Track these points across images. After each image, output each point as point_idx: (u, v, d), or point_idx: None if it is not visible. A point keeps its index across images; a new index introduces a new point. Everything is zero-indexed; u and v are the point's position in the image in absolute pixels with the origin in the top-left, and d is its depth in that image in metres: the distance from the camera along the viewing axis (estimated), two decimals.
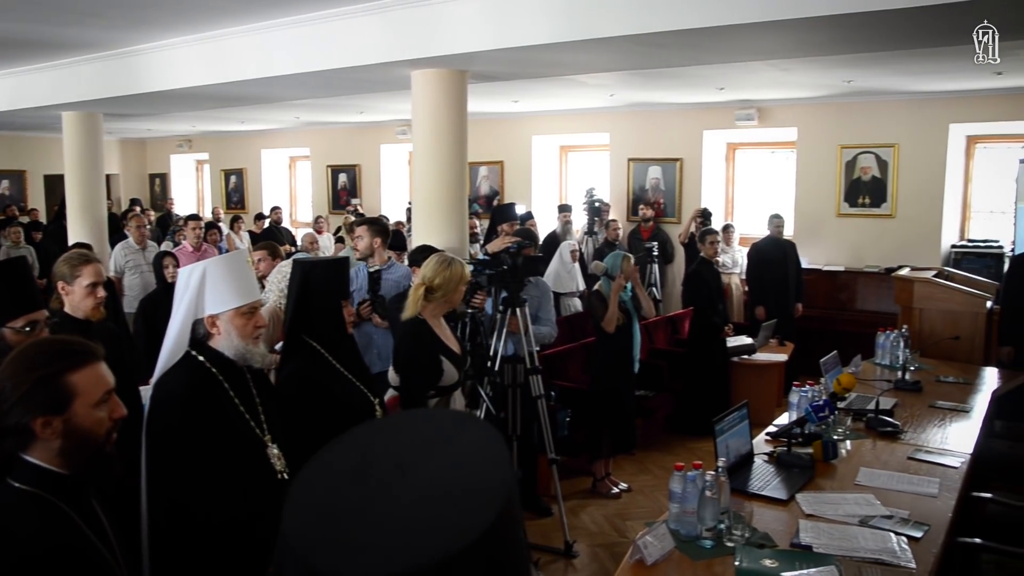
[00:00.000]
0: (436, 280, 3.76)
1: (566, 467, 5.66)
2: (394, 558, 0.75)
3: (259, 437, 2.59)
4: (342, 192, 13.96)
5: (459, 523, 0.77)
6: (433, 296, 3.76)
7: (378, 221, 5.63)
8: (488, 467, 0.84)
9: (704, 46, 5.16)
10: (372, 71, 6.22)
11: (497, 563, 0.79)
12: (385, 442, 0.89)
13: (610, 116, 11.04)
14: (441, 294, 3.77)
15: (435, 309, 3.80)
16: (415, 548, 0.76)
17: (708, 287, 7.23)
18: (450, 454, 0.86)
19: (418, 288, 3.78)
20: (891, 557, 2.72)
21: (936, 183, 9.09)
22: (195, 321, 2.60)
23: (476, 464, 0.84)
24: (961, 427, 4.38)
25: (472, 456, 0.85)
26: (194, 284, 2.58)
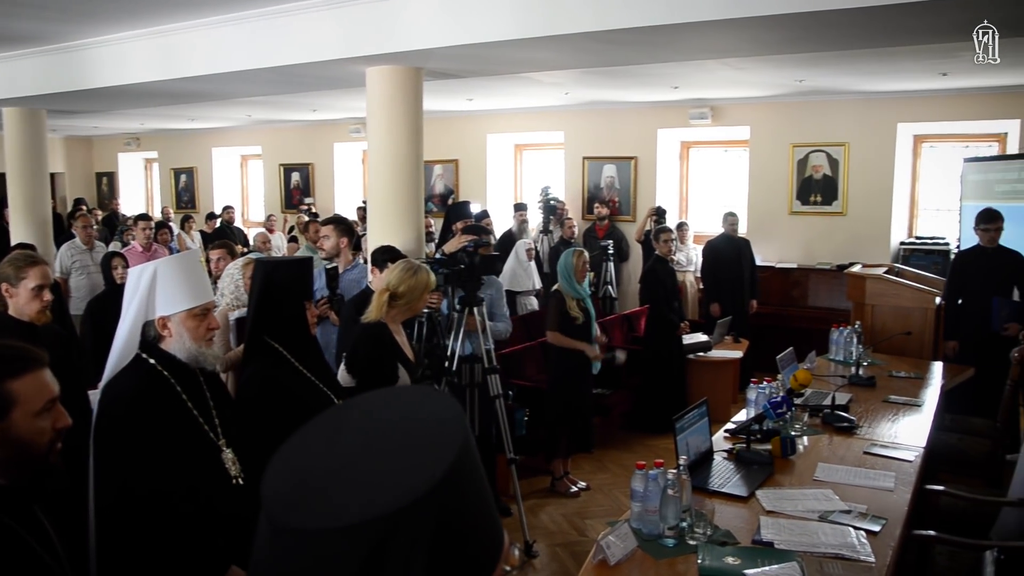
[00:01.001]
0: (401, 287, 3.72)
1: (524, 466, 5.63)
2: (351, 510, 0.82)
3: (213, 441, 2.53)
4: (295, 191, 13.79)
5: (414, 476, 0.84)
6: (397, 303, 3.72)
7: (344, 220, 5.56)
8: (444, 427, 0.90)
9: (660, 44, 5.17)
10: (326, 68, 6.12)
11: (452, 510, 0.85)
12: (356, 415, 0.97)
13: (565, 115, 11.05)
14: (404, 301, 3.72)
15: (397, 315, 3.76)
16: (371, 500, 0.82)
17: (663, 285, 7.26)
18: (409, 422, 0.93)
19: (382, 294, 3.73)
20: (851, 551, 2.74)
21: (885, 181, 9.25)
22: (146, 323, 2.52)
23: (433, 425, 0.91)
24: (914, 421, 4.45)
25: (431, 419, 0.92)
26: (144, 285, 2.51)
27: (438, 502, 0.83)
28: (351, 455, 0.90)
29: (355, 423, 0.95)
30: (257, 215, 14.49)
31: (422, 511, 0.82)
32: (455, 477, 0.85)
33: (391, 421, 0.94)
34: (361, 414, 0.97)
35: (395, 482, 0.84)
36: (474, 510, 0.90)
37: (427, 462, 0.85)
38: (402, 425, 0.92)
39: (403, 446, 0.89)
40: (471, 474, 0.89)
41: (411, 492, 0.82)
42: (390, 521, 0.81)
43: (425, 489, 0.82)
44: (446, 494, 0.84)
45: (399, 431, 0.91)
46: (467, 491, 0.88)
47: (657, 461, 2.99)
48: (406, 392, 1.02)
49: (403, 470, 0.85)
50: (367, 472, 0.86)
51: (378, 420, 0.95)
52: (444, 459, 0.85)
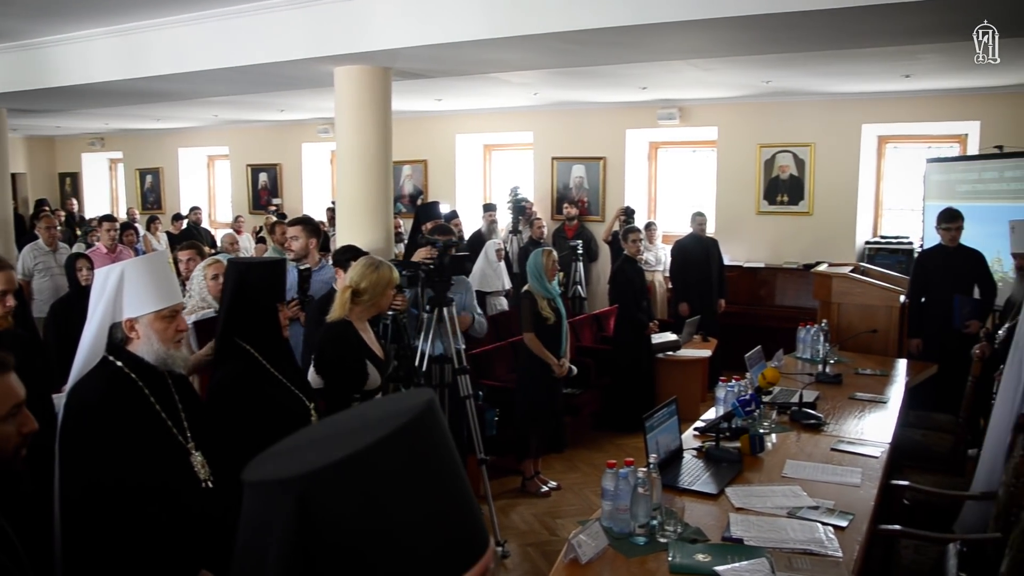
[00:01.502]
0: (363, 283, 3.72)
1: (495, 467, 5.63)
2: (316, 458, 0.87)
3: (182, 444, 2.50)
4: (262, 192, 13.68)
5: (375, 431, 0.88)
6: (360, 299, 3.71)
7: (311, 221, 5.52)
8: (413, 400, 0.95)
9: (628, 44, 5.20)
10: (294, 67, 6.10)
11: (412, 458, 0.89)
12: (348, 414, 1.03)
13: (534, 115, 11.07)
14: (368, 297, 3.72)
15: (361, 312, 3.75)
16: (331, 450, 0.88)
17: (632, 285, 7.29)
18: (390, 403, 0.99)
19: (345, 291, 3.73)
20: (819, 547, 2.77)
21: (850, 181, 9.37)
22: (112, 325, 2.49)
23: (405, 400, 0.96)
24: (879, 417, 4.51)
25: (405, 399, 0.97)
26: (111, 286, 2.47)
27: (318, 487, 0.86)
28: (319, 435, 0.96)
29: (346, 416, 1.01)
30: (224, 216, 14.36)
31: (285, 491, 0.86)
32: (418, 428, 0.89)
33: (373, 413, 0.97)
34: (352, 412, 1.02)
35: (296, 461, 0.89)
36: (412, 503, 0.88)
37: (393, 418, 0.89)
38: (378, 414, 0.95)
39: (349, 433, 0.92)
40: (432, 428, 0.91)
41: (282, 471, 0.88)
42: (262, 489, 0.88)
43: (293, 473, 0.86)
44: (339, 479, 0.86)
45: (370, 420, 0.94)
46: (430, 441, 0.91)
47: (627, 460, 3.01)
48: (415, 391, 1.05)
49: (313, 453, 0.89)
50: (303, 450, 0.92)
51: (360, 413, 1.00)
52: (408, 414, 0.89)
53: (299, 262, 5.11)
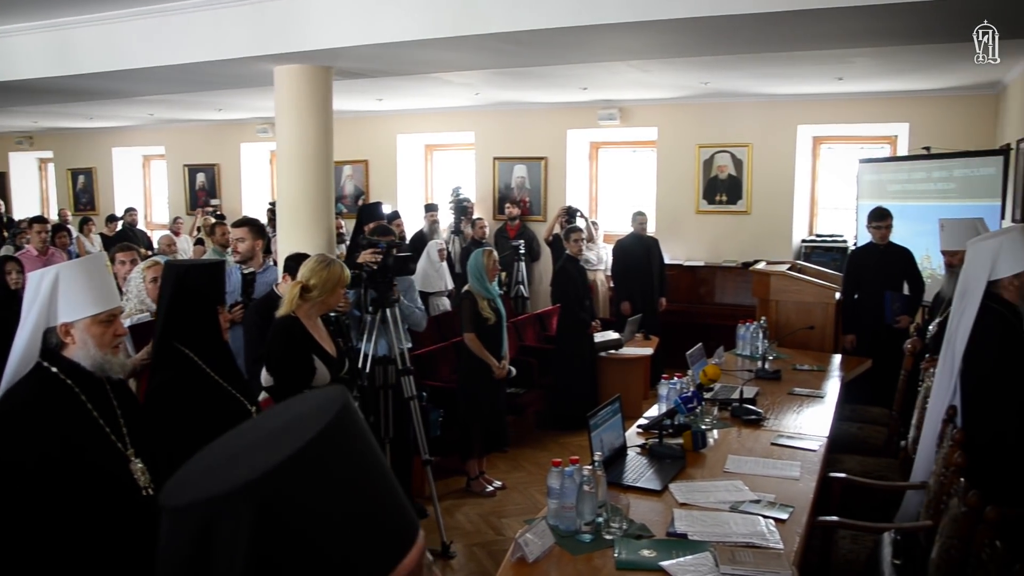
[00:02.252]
0: (312, 280, 3.70)
1: (440, 467, 5.62)
2: (233, 476, 0.85)
3: (121, 452, 2.44)
4: (200, 192, 13.42)
5: (302, 431, 0.87)
6: (309, 296, 3.69)
7: (256, 222, 5.44)
8: (326, 399, 0.93)
9: (569, 45, 5.23)
10: (233, 66, 6.00)
11: (345, 453, 0.89)
12: (264, 416, 1.00)
13: (475, 115, 11.06)
14: (317, 294, 3.70)
15: (311, 309, 3.72)
16: (249, 467, 0.85)
17: (575, 284, 7.34)
18: (296, 414, 0.95)
19: (294, 287, 3.71)
20: (760, 540, 2.82)
21: (787, 181, 9.56)
22: (47, 330, 2.42)
23: (318, 403, 0.94)
24: (817, 412, 4.62)
25: (318, 401, 0.95)
26: (45, 290, 2.40)
27: (273, 489, 0.84)
28: (233, 448, 0.92)
29: (257, 422, 0.98)
30: (161, 217, 14.06)
31: (245, 499, 0.84)
32: (302, 465, 0.86)
33: (284, 416, 0.95)
34: (269, 414, 0.99)
35: (235, 471, 0.86)
36: (346, 499, 0.89)
37: (275, 451, 0.87)
38: (287, 418, 0.94)
39: (272, 437, 0.91)
40: (338, 461, 0.89)
41: (231, 481, 0.84)
42: (209, 506, 0.84)
43: (249, 479, 0.84)
44: (288, 479, 0.85)
45: (282, 424, 0.93)
46: (331, 477, 0.89)
47: (572, 458, 3.03)
48: (322, 391, 1.01)
49: (250, 460, 0.87)
50: (229, 462, 0.89)
51: (275, 418, 0.96)
52: (302, 438, 0.87)
53: (244, 264, 5.03)
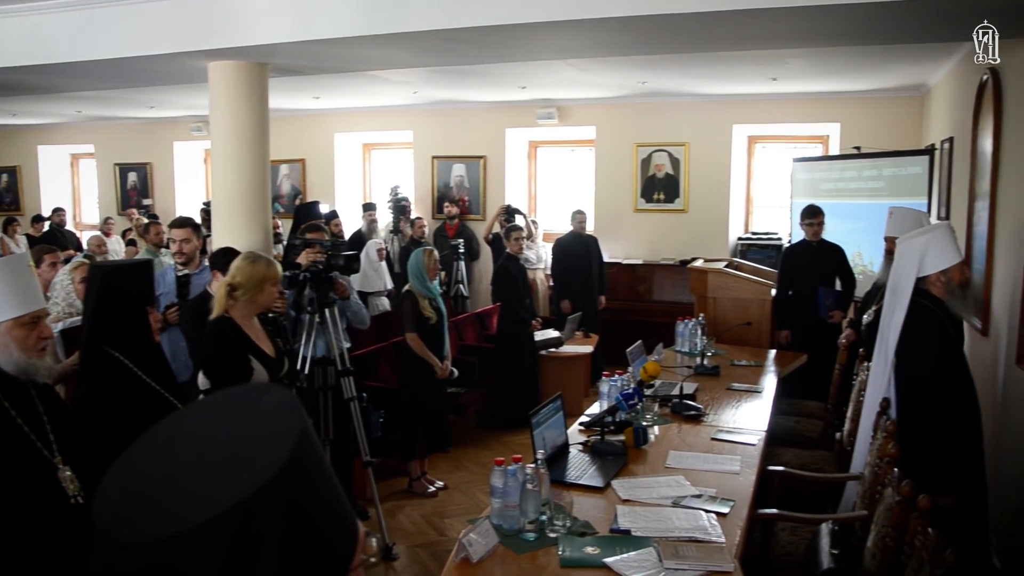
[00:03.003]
0: (237, 278, 3.62)
1: (381, 468, 5.56)
2: (192, 512, 0.79)
3: (48, 459, 2.35)
4: (132, 192, 13.09)
5: (253, 469, 0.82)
6: (236, 294, 3.60)
7: (196, 222, 5.30)
8: (278, 424, 0.88)
9: (507, 43, 5.21)
10: (165, 62, 5.81)
11: (298, 500, 0.84)
12: (193, 420, 0.94)
13: (413, 114, 11.00)
14: (242, 292, 3.61)
15: (243, 309, 3.64)
16: (211, 499, 0.80)
17: (515, 282, 7.34)
18: (247, 419, 0.91)
19: (222, 286, 3.63)
20: (703, 534, 2.85)
21: (723, 180, 9.71)
22: None
23: (268, 424, 0.89)
24: (755, 407, 4.69)
25: (265, 418, 0.90)
26: None
27: (282, 492, 0.82)
28: (186, 460, 0.86)
29: (190, 429, 0.92)
30: (91, 218, 13.66)
31: (266, 502, 0.81)
32: (296, 466, 0.84)
33: (227, 421, 0.91)
34: (196, 419, 0.94)
35: (234, 479, 0.82)
36: (321, 499, 0.89)
37: (265, 454, 0.84)
38: (238, 423, 0.90)
39: (240, 443, 0.87)
40: (313, 463, 0.88)
41: (250, 485, 0.80)
42: (233, 515, 0.79)
43: (266, 479, 0.81)
44: (289, 484, 0.83)
45: (235, 430, 0.89)
46: (311, 480, 0.87)
47: (515, 456, 3.02)
48: (241, 392, 0.99)
49: (241, 466, 0.83)
50: (204, 474, 0.84)
51: (213, 423, 0.92)
52: (283, 449, 0.84)
53: (187, 265, 4.90)
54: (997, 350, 4.87)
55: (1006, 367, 4.63)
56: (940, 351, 3.66)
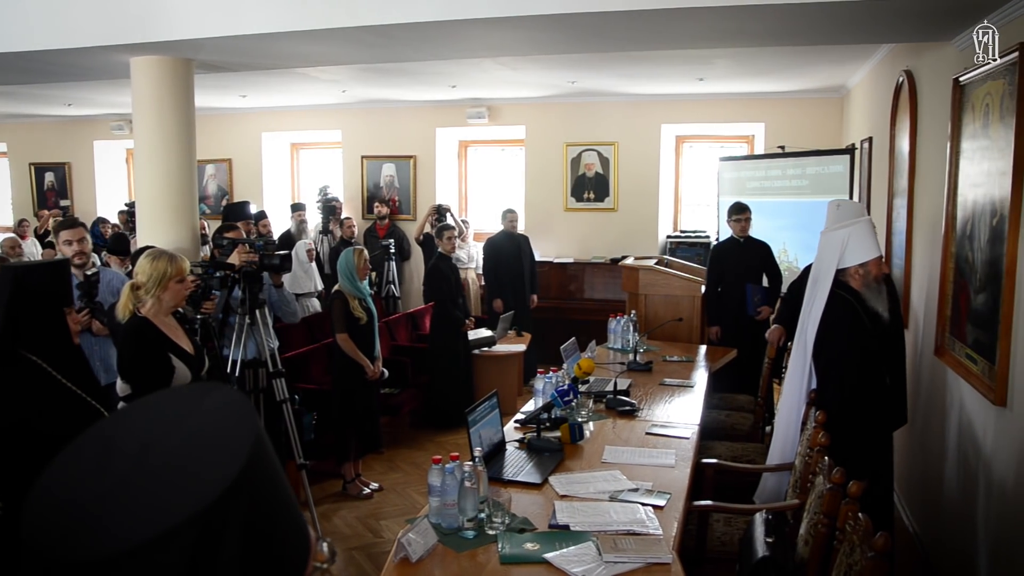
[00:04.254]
0: (140, 276, 3.53)
1: (315, 471, 5.48)
2: (135, 528, 0.73)
3: None
4: (49, 193, 12.64)
5: (202, 483, 0.76)
6: (139, 293, 3.51)
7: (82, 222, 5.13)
8: (230, 427, 0.83)
9: (438, 40, 5.18)
10: (84, 56, 5.58)
11: (255, 507, 0.79)
12: (128, 426, 0.87)
13: (342, 113, 10.88)
14: (146, 291, 3.52)
15: (155, 307, 3.54)
16: (155, 515, 0.74)
17: (448, 282, 7.31)
18: (193, 423, 0.85)
19: (127, 287, 3.54)
20: (640, 527, 2.87)
21: (652, 179, 9.83)
22: None
23: (219, 427, 0.84)
24: (688, 401, 4.75)
25: (214, 421, 0.85)
26: None
27: (240, 498, 0.77)
28: (127, 469, 0.80)
29: (126, 435, 0.85)
30: (4, 219, 13.15)
31: (224, 509, 0.76)
32: (253, 470, 0.79)
33: (169, 426, 0.85)
34: (132, 425, 0.87)
35: (187, 486, 0.76)
36: (277, 504, 0.85)
37: (220, 459, 0.79)
38: (182, 427, 0.84)
39: (189, 448, 0.81)
40: (269, 467, 0.84)
41: (208, 492, 0.75)
42: (191, 526, 0.74)
43: (224, 485, 0.76)
44: (247, 489, 0.78)
45: (179, 434, 0.83)
46: (267, 485, 0.83)
47: (452, 455, 3.01)
48: (179, 393, 0.93)
49: (194, 472, 0.78)
50: (152, 483, 0.78)
51: (154, 427, 0.85)
52: (239, 452, 0.79)
53: (84, 266, 4.74)
54: (916, 341, 5.03)
55: (924, 357, 4.79)
56: (852, 337, 3.78)
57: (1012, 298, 3.40)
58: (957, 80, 4.19)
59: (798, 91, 9.01)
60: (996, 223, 3.59)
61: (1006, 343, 3.43)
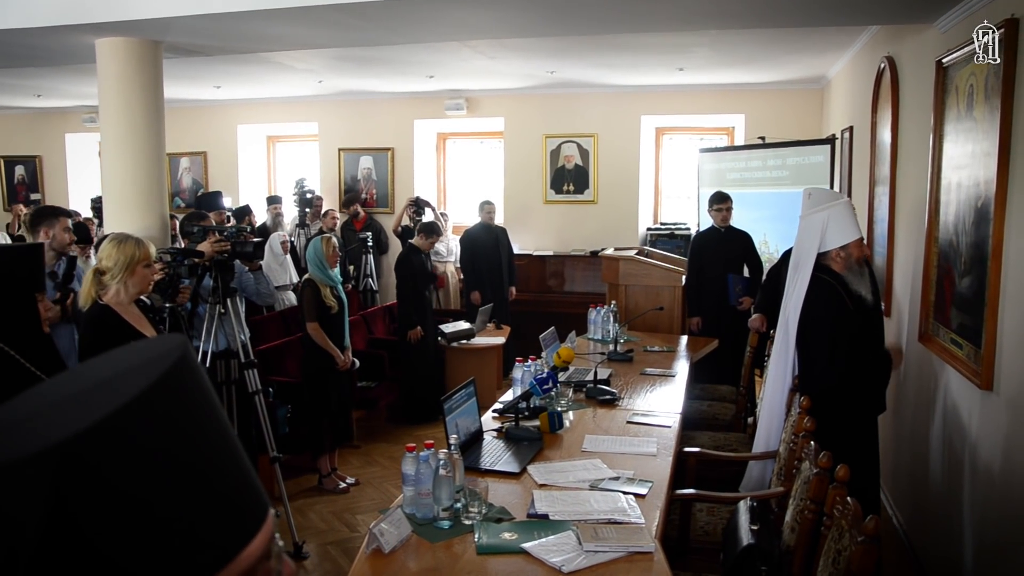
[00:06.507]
0: (105, 262, 3.40)
1: (289, 465, 5.35)
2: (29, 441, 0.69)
3: None
4: (20, 187, 12.42)
5: (131, 382, 0.73)
6: (104, 279, 3.38)
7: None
8: (162, 347, 0.79)
9: (414, 20, 5.04)
10: (46, 37, 5.35)
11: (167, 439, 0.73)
12: (68, 373, 0.83)
13: (319, 105, 10.74)
14: (110, 277, 3.39)
15: (118, 294, 3.41)
16: (52, 429, 0.69)
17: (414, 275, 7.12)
18: (126, 354, 0.82)
19: (90, 272, 3.41)
20: (622, 515, 2.78)
21: (632, 171, 9.75)
22: None
23: (151, 353, 0.78)
24: (669, 391, 4.67)
25: (146, 349, 0.81)
26: None
27: (143, 419, 0.70)
28: (37, 404, 0.75)
29: (74, 374, 0.81)
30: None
31: (40, 470, 0.67)
32: (168, 392, 0.73)
33: (110, 368, 0.78)
34: (87, 366, 0.82)
35: (91, 404, 0.71)
36: (205, 440, 0.76)
37: (131, 379, 0.73)
38: (114, 370, 0.78)
39: (107, 377, 0.76)
40: (194, 395, 0.76)
41: (104, 408, 0.69)
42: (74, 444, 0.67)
43: (45, 445, 0.68)
44: (156, 411, 0.71)
45: (107, 377, 0.77)
46: (190, 412, 0.75)
47: (427, 442, 2.91)
48: (147, 341, 0.86)
49: (101, 393, 0.72)
50: (27, 420, 0.72)
51: (97, 368, 0.79)
52: (151, 373, 0.73)
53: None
54: (900, 328, 4.98)
55: (908, 344, 4.73)
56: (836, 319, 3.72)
57: (998, 280, 3.33)
58: (940, 62, 4.13)
59: (778, 82, 8.97)
60: (981, 205, 3.53)
61: (992, 326, 3.37)
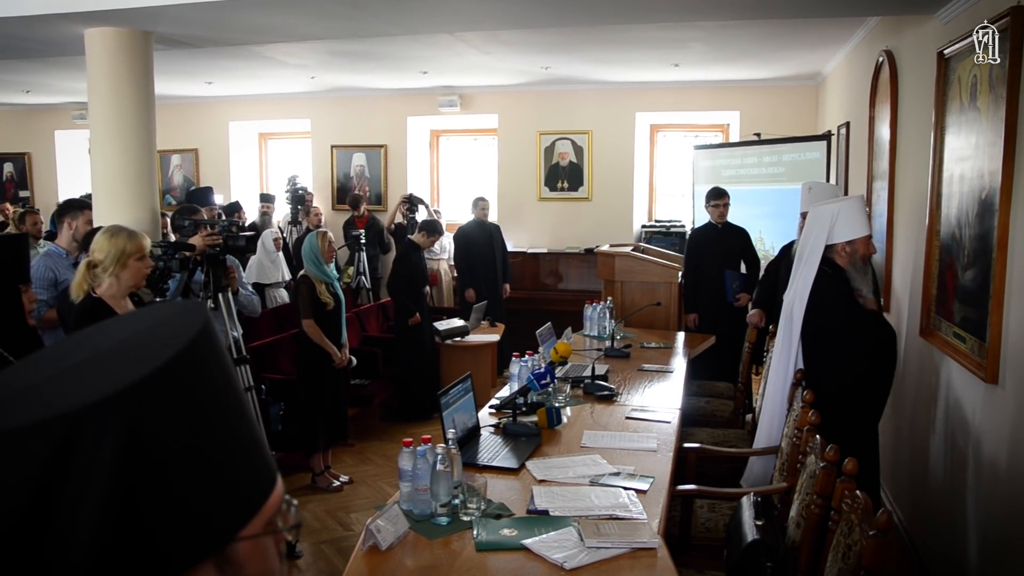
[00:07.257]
0: (97, 254, 3.34)
1: (282, 464, 5.28)
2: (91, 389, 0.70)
3: None
4: (8, 184, 12.31)
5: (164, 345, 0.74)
6: (96, 271, 3.32)
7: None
8: (182, 320, 0.79)
9: (409, 10, 4.98)
10: (33, 26, 5.23)
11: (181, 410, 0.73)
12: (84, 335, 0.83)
13: (311, 101, 10.66)
14: (103, 269, 3.33)
15: (111, 287, 3.35)
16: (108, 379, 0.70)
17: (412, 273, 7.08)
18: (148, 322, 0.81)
19: (83, 265, 3.35)
20: (623, 511, 2.73)
21: (626, 168, 9.70)
22: None
23: (171, 321, 0.79)
24: (667, 387, 4.62)
25: (168, 318, 0.81)
26: None
27: (141, 404, 0.70)
28: (69, 361, 0.75)
29: (97, 332, 0.81)
30: None
31: (114, 412, 0.68)
32: (187, 364, 0.73)
33: (135, 328, 0.79)
34: (107, 326, 0.83)
35: (88, 384, 0.70)
36: (220, 413, 0.77)
37: (136, 362, 0.71)
38: (133, 330, 0.79)
39: (127, 345, 0.75)
40: (211, 368, 0.77)
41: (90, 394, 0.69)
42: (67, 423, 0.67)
43: (117, 389, 0.69)
44: (157, 394, 0.71)
45: (127, 336, 0.77)
46: (206, 386, 0.75)
47: (424, 437, 2.84)
48: (163, 305, 0.86)
49: (105, 374, 0.71)
50: (67, 377, 0.73)
51: (121, 328, 0.80)
52: (174, 345, 0.73)
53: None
54: (899, 323, 4.93)
55: (909, 339, 4.69)
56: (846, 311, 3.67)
57: (1004, 272, 3.28)
58: (942, 53, 4.08)
59: (774, 79, 8.93)
60: (985, 196, 3.48)
61: (997, 319, 3.32)
